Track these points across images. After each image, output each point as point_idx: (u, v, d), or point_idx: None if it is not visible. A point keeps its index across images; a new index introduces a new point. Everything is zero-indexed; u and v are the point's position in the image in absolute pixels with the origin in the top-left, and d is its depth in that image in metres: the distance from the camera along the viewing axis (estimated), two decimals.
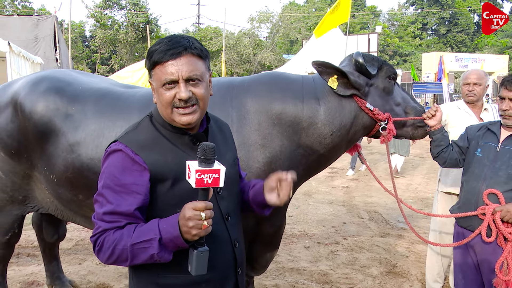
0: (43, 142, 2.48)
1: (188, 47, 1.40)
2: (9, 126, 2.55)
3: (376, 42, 28.38)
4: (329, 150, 2.49)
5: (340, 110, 2.43)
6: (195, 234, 1.25)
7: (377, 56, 2.67)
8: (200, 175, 1.24)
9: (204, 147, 1.26)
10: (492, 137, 2.58)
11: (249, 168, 2.32)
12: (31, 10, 33.67)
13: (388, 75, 2.53)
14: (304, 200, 6.98)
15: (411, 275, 4.01)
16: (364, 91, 2.47)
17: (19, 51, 10.03)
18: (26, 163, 2.59)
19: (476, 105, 3.35)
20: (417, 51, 47.13)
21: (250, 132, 2.35)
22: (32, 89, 2.52)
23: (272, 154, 2.36)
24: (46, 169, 2.51)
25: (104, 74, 31.59)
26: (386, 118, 2.47)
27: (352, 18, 48.56)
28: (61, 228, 3.15)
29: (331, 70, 2.43)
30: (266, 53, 34.67)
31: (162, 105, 1.42)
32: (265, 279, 3.88)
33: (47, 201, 2.69)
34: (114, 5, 33.79)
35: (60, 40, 16.44)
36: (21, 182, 2.66)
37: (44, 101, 2.47)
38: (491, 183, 2.47)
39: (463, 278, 2.70)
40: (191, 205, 1.26)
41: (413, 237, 5.04)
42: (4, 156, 2.59)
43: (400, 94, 2.63)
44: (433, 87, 19.11)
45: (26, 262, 4.19)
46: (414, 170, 9.95)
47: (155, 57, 1.40)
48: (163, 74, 1.39)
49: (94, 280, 3.78)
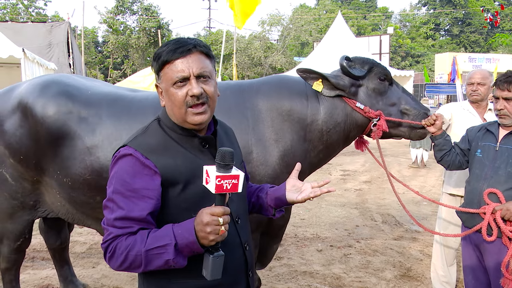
0: (57, 146, 2.48)
1: (197, 45, 1.41)
2: (18, 131, 2.54)
3: (388, 43, 28.21)
4: (327, 146, 2.68)
5: (334, 109, 2.62)
6: (213, 240, 1.24)
7: (369, 58, 2.76)
8: (220, 181, 1.23)
9: (223, 152, 1.24)
10: (491, 137, 2.63)
11: (266, 162, 2.50)
12: (45, 17, 34.24)
13: (378, 76, 2.66)
14: (317, 203, 6.93)
15: (426, 278, 3.95)
16: (350, 91, 2.63)
17: (33, 57, 10.20)
18: (35, 169, 2.58)
19: (480, 105, 3.33)
20: (429, 52, 46.67)
21: (265, 129, 2.54)
22: (41, 93, 2.52)
23: (285, 148, 2.55)
24: (59, 173, 2.52)
25: (117, 79, 31.97)
26: (377, 115, 2.61)
27: (363, 20, 48.41)
28: (63, 234, 3.15)
29: (314, 75, 2.63)
30: (277, 56, 34.70)
31: (174, 105, 1.41)
32: (278, 282, 3.86)
33: (58, 205, 2.69)
34: (126, 10, 34.20)
35: (73, 46, 16.68)
36: (31, 187, 2.66)
37: (56, 105, 2.48)
38: (491, 182, 2.51)
39: (473, 278, 2.72)
40: (209, 210, 1.24)
41: (428, 240, 4.97)
42: (13, 162, 2.58)
43: (397, 95, 2.71)
44: (446, 88, 18.88)
45: (40, 265, 4.24)
46: (428, 171, 9.83)
47: (164, 57, 1.39)
48: (173, 73, 1.38)
49: (107, 284, 3.80)
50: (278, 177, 2.51)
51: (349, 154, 12.70)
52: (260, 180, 2.47)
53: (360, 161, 11.42)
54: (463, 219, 2.71)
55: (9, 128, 2.55)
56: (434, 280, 3.62)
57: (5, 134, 2.56)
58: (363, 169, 10.35)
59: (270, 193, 1.64)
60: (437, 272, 3.59)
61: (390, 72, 2.78)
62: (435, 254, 3.63)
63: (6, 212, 2.70)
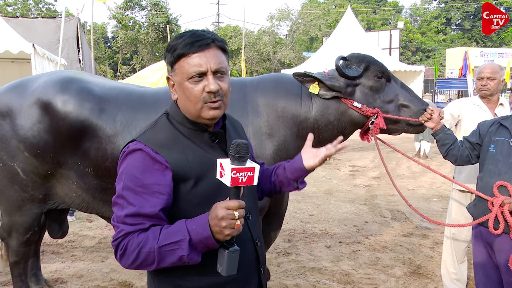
0: (78, 140, 2.58)
1: (215, 40, 1.38)
2: (35, 126, 2.60)
3: (398, 38, 27.90)
4: (320, 142, 2.70)
5: (326, 109, 2.71)
6: (228, 234, 1.21)
7: (366, 56, 2.79)
8: (235, 173, 1.20)
9: (238, 144, 1.22)
10: (504, 132, 2.56)
11: (262, 155, 2.62)
12: (55, 13, 34.43)
13: (375, 74, 2.72)
14: (325, 199, 6.90)
15: (436, 276, 3.90)
16: (347, 91, 2.71)
17: (43, 52, 10.25)
18: (51, 162, 2.64)
19: (491, 100, 3.27)
20: (440, 46, 46.08)
21: (261, 123, 2.67)
22: (63, 90, 2.61)
23: (279, 143, 2.67)
24: (80, 164, 2.63)
25: (126, 74, 32.12)
26: (374, 113, 2.68)
27: (373, 14, 47.95)
28: (65, 226, 3.18)
29: (310, 79, 2.71)
30: (286, 51, 34.53)
31: (189, 100, 1.37)
32: (286, 278, 3.84)
33: (73, 195, 2.75)
34: (135, 6, 34.26)
35: (82, 42, 16.75)
36: (41, 181, 2.70)
37: (79, 101, 2.59)
38: (505, 178, 2.45)
39: (483, 276, 2.68)
40: (224, 204, 1.21)
41: (438, 237, 4.91)
42: (28, 156, 2.62)
43: (395, 92, 2.77)
44: (458, 83, 18.68)
45: (50, 259, 4.27)
46: (439, 167, 9.72)
47: (180, 49, 1.35)
48: (190, 67, 1.34)
49: (116, 278, 3.81)
50: None
51: (358, 150, 12.62)
52: None
53: (370, 157, 11.34)
54: (474, 215, 2.66)
55: (25, 123, 2.60)
56: (445, 277, 3.57)
57: (20, 129, 2.61)
58: (372, 164, 10.27)
59: (288, 167, 1.64)
60: (447, 269, 3.54)
61: (400, 67, 2.81)
62: (446, 251, 3.58)
63: (15, 205, 2.73)
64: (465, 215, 3.12)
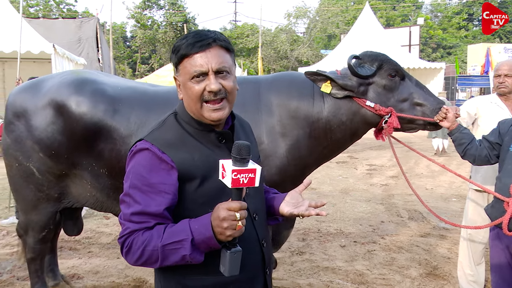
0: (93, 141, 2.59)
1: (217, 39, 1.38)
2: (50, 127, 2.62)
3: (418, 34, 27.43)
4: (333, 142, 2.76)
5: (338, 109, 2.69)
6: (230, 235, 1.22)
7: (379, 54, 2.74)
8: (236, 175, 1.20)
9: (239, 145, 1.21)
10: None
11: (275, 154, 2.63)
12: (75, 13, 35.06)
13: (388, 72, 2.68)
14: (341, 198, 6.84)
15: (453, 277, 3.82)
16: (359, 91, 2.67)
17: (63, 52, 10.45)
18: (65, 162, 2.67)
19: (509, 98, 3.17)
20: (462, 43, 45.07)
21: (274, 123, 2.67)
22: (77, 91, 2.63)
23: (292, 142, 2.67)
24: (94, 165, 2.64)
25: (144, 73, 32.50)
26: (388, 112, 2.64)
27: (392, 11, 47.24)
28: (80, 223, 3.23)
29: (322, 77, 2.69)
30: (303, 49, 34.38)
31: (191, 99, 1.39)
32: (299, 277, 3.82)
33: (87, 195, 2.78)
34: (153, 5, 34.64)
35: (102, 41, 17.02)
36: (56, 180, 2.74)
37: (93, 102, 2.60)
38: None
39: (500, 279, 2.63)
40: (225, 205, 1.22)
41: (457, 238, 4.80)
42: (42, 156, 2.66)
43: (409, 90, 2.72)
44: (479, 80, 18.22)
45: (68, 255, 4.36)
46: (460, 166, 9.52)
47: (182, 50, 1.37)
48: (192, 67, 1.36)
49: (131, 275, 3.87)
50: (285, 168, 2.65)
51: (375, 149, 12.48)
52: (268, 170, 2.60)
53: (387, 156, 11.19)
54: (491, 216, 2.59)
55: (40, 124, 2.63)
56: (461, 279, 3.50)
57: (35, 130, 2.64)
58: (390, 163, 10.13)
59: (269, 199, 1.60)
60: (464, 271, 3.46)
61: (420, 64, 2.77)
62: (462, 252, 3.50)
63: (31, 204, 2.78)
64: (482, 215, 3.04)
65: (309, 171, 2.87)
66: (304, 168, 2.77)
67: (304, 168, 2.77)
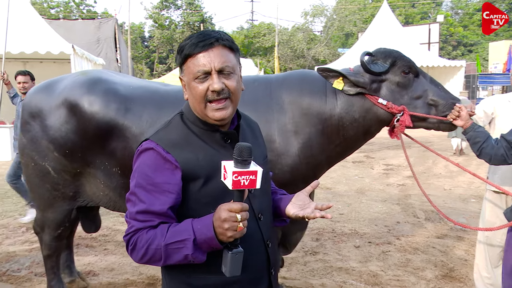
0: (105, 140, 2.62)
1: (220, 39, 1.38)
2: (63, 127, 2.67)
3: (438, 32, 26.97)
4: (345, 139, 2.73)
5: (350, 106, 2.66)
6: (231, 236, 1.23)
7: (393, 51, 2.71)
8: (237, 177, 1.21)
9: (240, 147, 1.22)
10: None
11: (287, 152, 2.62)
12: (94, 14, 35.65)
13: (402, 70, 2.64)
14: (357, 198, 6.78)
15: (469, 280, 3.74)
16: (371, 88, 2.64)
17: (82, 53, 10.65)
18: (80, 161, 2.72)
19: None
20: (483, 40, 44.07)
21: (286, 121, 2.65)
22: (89, 91, 2.66)
23: (304, 140, 2.65)
24: (107, 164, 2.67)
25: (162, 72, 32.85)
26: (400, 110, 2.61)
27: (411, 8, 46.52)
28: (98, 220, 3.28)
29: (334, 74, 2.67)
30: (320, 48, 34.17)
31: (195, 99, 1.40)
32: (312, 278, 3.81)
33: (100, 194, 2.82)
34: (171, 5, 34.96)
35: (120, 41, 17.27)
36: (72, 179, 2.79)
37: (105, 102, 2.63)
38: None
39: None
40: (227, 206, 1.23)
41: (474, 239, 4.70)
42: (57, 155, 2.71)
43: (423, 87, 2.67)
44: (501, 78, 17.82)
45: (84, 252, 4.43)
46: (480, 166, 9.33)
47: (186, 50, 1.38)
48: (195, 67, 1.37)
49: (145, 272, 3.91)
50: (297, 167, 2.65)
51: (393, 148, 12.31)
52: (280, 168, 2.59)
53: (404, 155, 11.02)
54: (510, 219, 2.52)
55: (54, 124, 2.68)
56: (478, 281, 3.42)
57: (50, 129, 2.69)
58: (407, 163, 9.98)
59: (276, 200, 1.60)
60: (480, 274, 3.39)
61: (439, 62, 2.73)
62: (478, 254, 3.42)
63: (47, 202, 2.84)
64: (500, 217, 2.97)
65: (321, 171, 2.85)
66: (316, 167, 2.75)
67: (316, 166, 2.75)
